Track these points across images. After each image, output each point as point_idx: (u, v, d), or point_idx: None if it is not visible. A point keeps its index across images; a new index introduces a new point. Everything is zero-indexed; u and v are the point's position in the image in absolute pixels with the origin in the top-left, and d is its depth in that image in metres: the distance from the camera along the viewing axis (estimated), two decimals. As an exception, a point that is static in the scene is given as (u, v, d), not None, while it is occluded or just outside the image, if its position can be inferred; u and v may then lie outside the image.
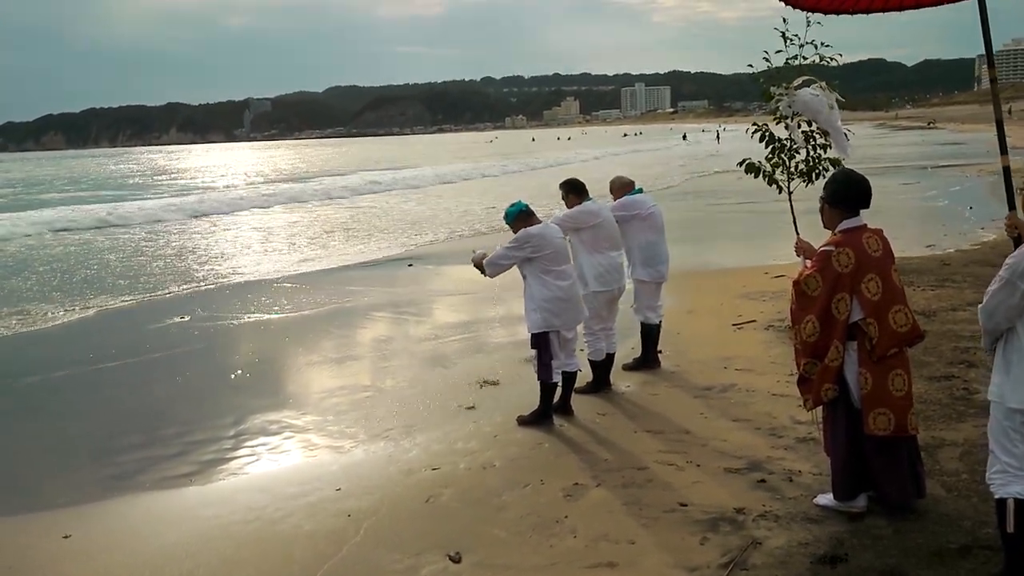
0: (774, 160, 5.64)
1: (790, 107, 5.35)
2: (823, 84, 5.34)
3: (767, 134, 5.66)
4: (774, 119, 5.57)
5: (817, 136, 5.56)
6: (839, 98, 5.40)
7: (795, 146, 5.54)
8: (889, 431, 4.46)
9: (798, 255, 5.05)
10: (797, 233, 5.20)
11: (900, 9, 4.98)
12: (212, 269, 16.75)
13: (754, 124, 5.79)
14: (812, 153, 5.57)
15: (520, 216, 6.62)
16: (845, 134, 5.44)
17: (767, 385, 7.12)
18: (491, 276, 6.74)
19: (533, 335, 6.56)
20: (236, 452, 6.59)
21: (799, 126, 5.49)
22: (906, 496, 4.58)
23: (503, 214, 6.81)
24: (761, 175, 5.72)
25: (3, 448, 7.00)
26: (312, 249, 19.30)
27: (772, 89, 5.45)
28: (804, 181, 5.62)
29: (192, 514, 5.44)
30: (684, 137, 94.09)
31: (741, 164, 5.87)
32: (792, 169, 5.61)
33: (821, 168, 5.59)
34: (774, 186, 5.71)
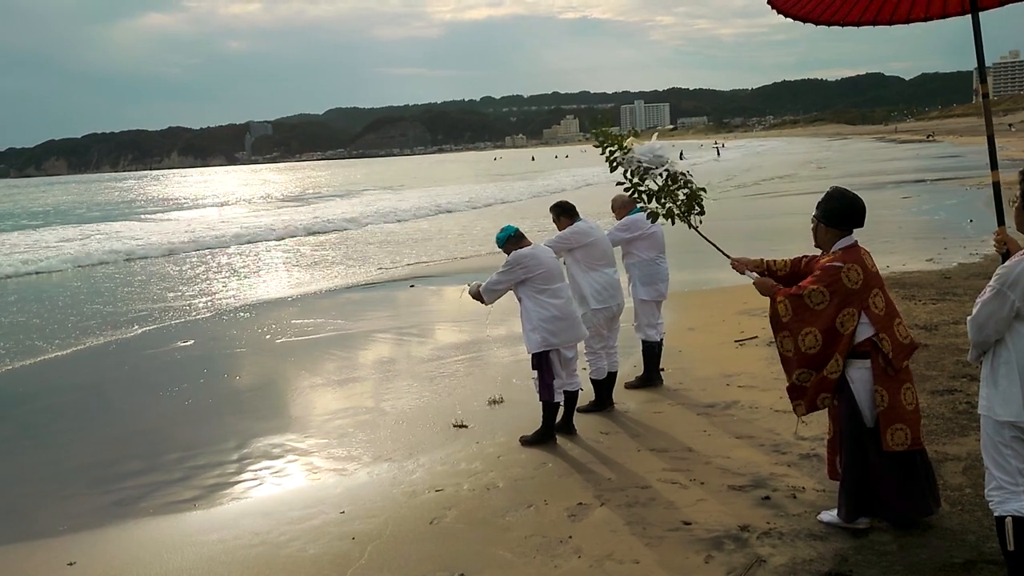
0: (665, 204, 5.60)
1: (637, 165, 5.52)
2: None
3: (645, 191, 5.67)
4: (611, 168, 5.71)
5: (681, 176, 5.58)
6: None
7: (670, 187, 5.55)
8: (907, 445, 4.45)
9: (741, 273, 5.09)
10: (727, 255, 5.21)
11: (890, 23, 5.01)
12: (215, 293, 16.79)
13: (626, 181, 5.76)
14: (685, 191, 5.56)
15: (511, 240, 6.70)
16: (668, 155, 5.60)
17: (770, 401, 7.12)
18: (489, 303, 6.81)
19: (533, 355, 6.58)
20: (239, 476, 6.59)
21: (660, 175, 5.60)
22: (924, 510, 4.56)
23: (495, 239, 6.87)
24: (663, 218, 5.71)
25: (6, 475, 7.00)
26: (313, 270, 19.34)
27: (607, 146, 5.64)
28: (696, 214, 5.56)
29: (196, 539, 5.44)
30: (681, 156, 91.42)
31: (646, 212, 5.82)
32: (681, 208, 5.56)
33: (698, 201, 5.56)
34: (678, 221, 5.65)
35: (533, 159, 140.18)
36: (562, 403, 6.70)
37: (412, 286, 15.71)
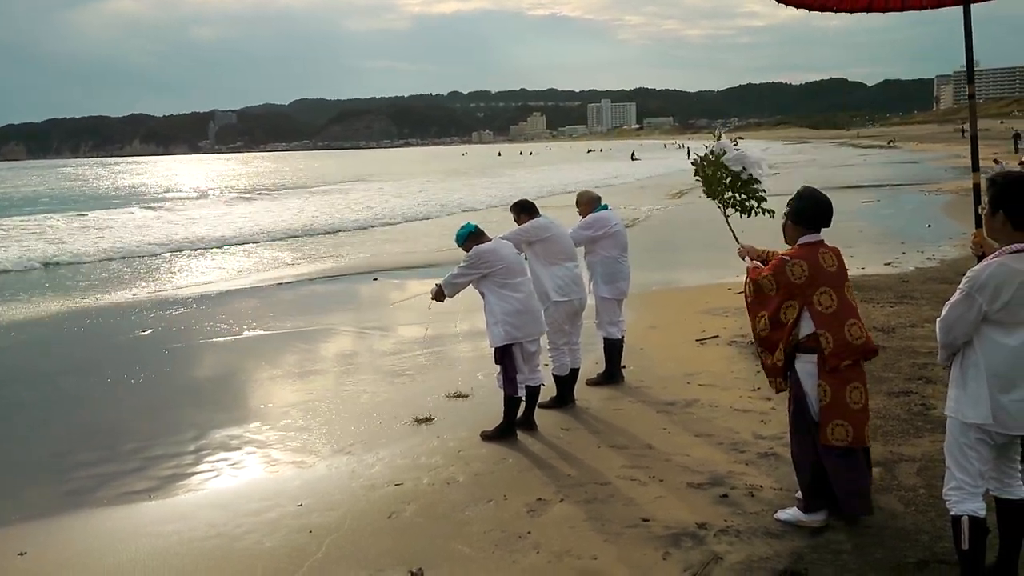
0: (728, 187, 5.78)
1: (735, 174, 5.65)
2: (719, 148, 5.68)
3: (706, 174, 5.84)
4: (720, 206, 5.83)
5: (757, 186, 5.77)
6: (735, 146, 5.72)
7: (753, 188, 5.72)
8: (847, 442, 4.54)
9: (743, 258, 5.25)
10: (737, 240, 5.40)
11: (884, 11, 5.04)
12: (174, 282, 16.61)
13: (694, 163, 5.96)
14: (741, 197, 5.77)
15: (470, 237, 6.72)
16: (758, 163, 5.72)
17: (730, 400, 7.17)
18: (450, 296, 6.83)
19: (496, 349, 6.58)
20: (196, 467, 6.51)
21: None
22: (865, 508, 4.65)
23: (454, 237, 6.86)
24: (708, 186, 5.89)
25: (-44, 464, 6.86)
26: (275, 262, 19.19)
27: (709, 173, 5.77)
28: (737, 212, 5.81)
29: (150, 530, 5.36)
30: (633, 156, 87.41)
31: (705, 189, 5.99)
32: (736, 202, 5.79)
33: (753, 204, 5.78)
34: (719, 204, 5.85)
35: (500, 154, 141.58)
36: (523, 398, 6.71)
37: (375, 279, 15.64)
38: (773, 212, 5.59)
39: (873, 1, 5.00)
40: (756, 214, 5.74)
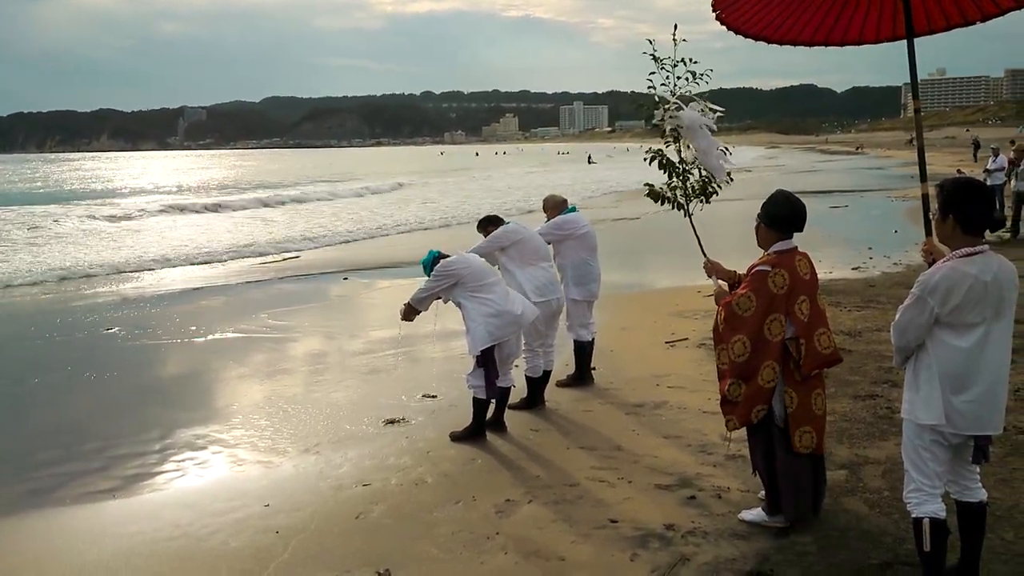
0: (673, 184, 5.61)
1: (676, 129, 5.38)
2: (705, 104, 5.40)
3: (664, 160, 5.62)
4: (664, 142, 5.57)
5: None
6: (715, 109, 5.44)
7: (687, 166, 5.53)
8: (812, 448, 4.58)
9: (709, 276, 5.16)
10: (704, 254, 5.27)
11: (826, 44, 5.18)
12: (139, 279, 16.43)
13: (649, 150, 5.71)
14: (703, 173, 5.55)
15: (435, 260, 6.71)
16: (723, 151, 5.44)
17: (698, 402, 7.20)
18: (424, 310, 6.82)
19: (481, 353, 6.49)
20: (161, 467, 6.44)
21: (687, 147, 5.49)
22: (811, 513, 4.72)
23: (421, 266, 6.85)
24: (663, 201, 5.68)
25: (-85, 462, 6.73)
26: (245, 260, 19.04)
27: (655, 112, 5.45)
28: (700, 201, 5.60)
29: (114, 530, 5.29)
30: (589, 160, 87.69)
31: (647, 193, 5.82)
32: (689, 190, 5.57)
33: (713, 188, 5.59)
34: (677, 209, 5.67)
35: (477, 154, 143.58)
36: (494, 400, 6.69)
37: (346, 279, 15.56)
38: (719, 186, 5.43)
39: (816, 34, 5.12)
40: (716, 190, 5.56)
